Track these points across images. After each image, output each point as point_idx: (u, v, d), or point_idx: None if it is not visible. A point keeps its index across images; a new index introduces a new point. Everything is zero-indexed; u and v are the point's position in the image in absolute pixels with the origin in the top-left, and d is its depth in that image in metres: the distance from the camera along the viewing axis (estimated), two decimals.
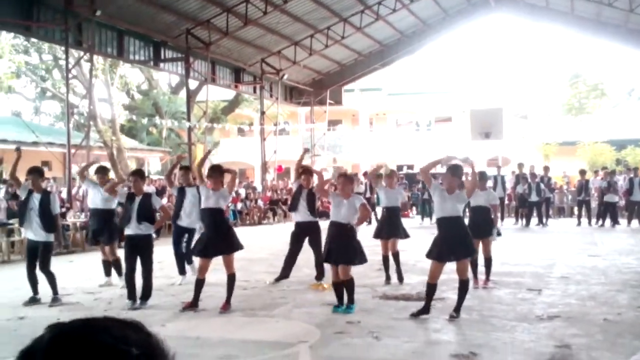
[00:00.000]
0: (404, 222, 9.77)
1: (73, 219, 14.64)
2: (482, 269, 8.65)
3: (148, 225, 7.78)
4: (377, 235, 9.24)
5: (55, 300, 8.02)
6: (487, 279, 8.65)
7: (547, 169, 21.31)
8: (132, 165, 28.12)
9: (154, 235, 8.14)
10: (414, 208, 23.99)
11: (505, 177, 21.31)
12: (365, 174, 22.46)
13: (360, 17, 23.60)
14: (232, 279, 7.44)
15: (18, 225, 9.52)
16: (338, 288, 7.24)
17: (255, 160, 29.60)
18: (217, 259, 7.62)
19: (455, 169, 7.04)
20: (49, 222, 8.10)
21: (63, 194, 16.15)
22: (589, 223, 19.43)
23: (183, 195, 9.64)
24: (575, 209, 21.58)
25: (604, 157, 30.71)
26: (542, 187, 19.59)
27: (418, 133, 39.70)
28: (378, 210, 20.78)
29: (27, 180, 8.32)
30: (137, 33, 19.05)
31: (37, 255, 8.05)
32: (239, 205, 21.34)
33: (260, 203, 22.89)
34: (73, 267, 11.69)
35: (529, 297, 7.94)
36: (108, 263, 9.46)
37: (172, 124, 25.77)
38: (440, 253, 6.71)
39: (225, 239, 7.41)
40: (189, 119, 21.73)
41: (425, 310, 6.77)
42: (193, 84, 24.59)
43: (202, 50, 20.68)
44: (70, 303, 8.04)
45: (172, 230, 10.47)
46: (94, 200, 9.32)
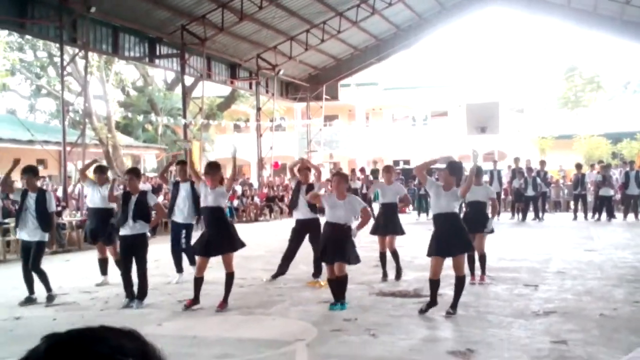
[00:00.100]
0: (401, 218, 9.74)
1: (69, 218, 14.60)
2: (477, 264, 8.65)
3: (143, 224, 7.77)
4: (374, 232, 9.23)
5: (50, 298, 8.01)
6: (482, 275, 8.66)
7: (543, 163, 21.32)
8: (127, 163, 28.07)
9: (149, 235, 8.10)
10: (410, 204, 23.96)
11: (502, 171, 21.32)
12: (362, 170, 22.46)
13: (356, 11, 23.57)
14: (230, 278, 7.42)
15: (14, 227, 9.48)
16: (334, 285, 7.25)
17: (252, 157, 29.56)
18: (214, 257, 7.61)
19: (454, 167, 7.05)
20: (46, 220, 8.08)
21: (59, 192, 16.11)
22: (585, 217, 19.47)
23: (177, 191, 9.61)
24: (572, 203, 21.62)
25: (600, 150, 30.75)
26: (538, 181, 19.60)
27: (414, 128, 39.71)
28: (375, 207, 20.94)
29: (22, 180, 8.29)
30: (132, 29, 18.98)
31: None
32: (236, 202, 21.32)
33: (257, 200, 22.87)
34: (69, 266, 11.68)
35: (526, 292, 7.95)
36: (104, 262, 9.45)
37: (167, 121, 25.69)
38: (440, 249, 6.72)
39: (227, 238, 7.38)
40: (185, 116, 21.69)
41: (433, 303, 6.79)
42: (188, 80, 24.52)
43: (197, 46, 20.63)
44: (67, 303, 8.02)
45: (169, 228, 10.44)
46: (93, 200, 9.29)
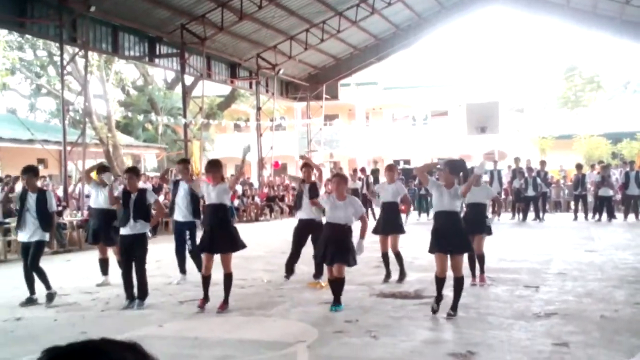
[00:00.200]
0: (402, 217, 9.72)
1: (70, 218, 14.59)
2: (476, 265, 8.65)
3: (144, 224, 7.75)
4: (375, 231, 9.22)
5: (50, 296, 7.99)
6: (481, 275, 8.65)
7: (543, 164, 21.32)
8: (128, 162, 28.05)
9: (149, 235, 8.09)
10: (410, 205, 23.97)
11: (502, 171, 21.32)
12: (363, 170, 22.46)
13: (356, 10, 23.57)
14: (229, 279, 7.42)
15: (15, 228, 9.47)
16: (334, 286, 7.26)
17: (252, 156, 29.54)
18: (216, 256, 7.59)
19: (454, 166, 7.07)
20: (46, 220, 8.08)
21: (59, 192, 16.10)
22: (586, 218, 19.46)
23: (177, 189, 9.62)
24: (572, 204, 21.62)
25: (600, 150, 30.75)
26: (538, 181, 19.60)
27: (414, 127, 39.72)
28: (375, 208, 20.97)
29: (22, 180, 8.29)
30: (131, 29, 18.98)
31: None
32: (236, 202, 21.32)
33: (257, 200, 22.86)
34: (70, 266, 11.69)
35: (526, 294, 7.95)
36: (105, 262, 9.46)
37: (168, 120, 25.68)
38: (440, 244, 6.74)
39: (229, 237, 7.38)
40: (185, 115, 21.68)
41: (439, 298, 6.82)
42: (188, 80, 24.53)
43: (197, 46, 20.62)
44: (68, 303, 8.02)
45: (170, 228, 10.44)
46: (97, 200, 9.29)
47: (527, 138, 33.93)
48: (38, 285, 8.07)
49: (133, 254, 7.68)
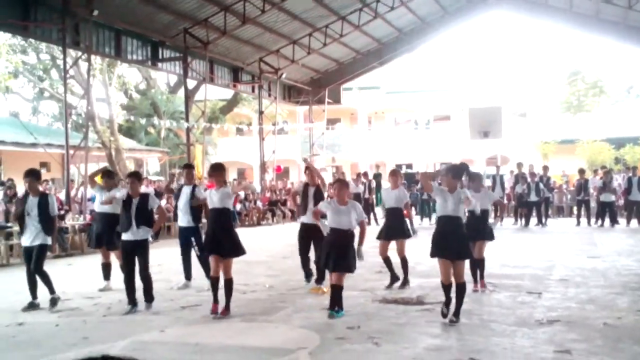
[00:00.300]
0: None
1: (72, 222, 14.59)
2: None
3: (146, 230, 7.74)
4: (378, 236, 9.20)
5: (53, 301, 7.99)
6: (481, 280, 8.61)
7: (546, 169, 21.28)
8: (130, 166, 28.09)
9: (151, 240, 8.08)
10: (413, 208, 23.95)
11: (504, 176, 21.28)
12: (365, 174, 22.45)
13: (359, 15, 23.59)
14: (229, 284, 7.40)
15: (18, 232, 9.47)
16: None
17: (254, 160, 29.57)
18: None
19: (456, 171, 7.08)
20: (48, 224, 8.08)
21: (62, 196, 16.10)
22: (589, 223, 19.41)
23: (179, 194, 9.63)
24: (575, 209, 21.56)
25: (603, 155, 30.71)
26: (541, 186, 19.56)
27: (417, 132, 39.71)
28: (377, 211, 20.96)
29: (24, 183, 8.29)
30: (134, 33, 19.02)
31: None
32: (238, 207, 21.30)
33: (259, 204, 22.85)
34: (72, 270, 11.68)
35: (529, 300, 7.93)
36: (108, 267, 9.46)
37: (170, 124, 25.71)
38: (442, 249, 6.73)
39: (231, 241, 7.37)
40: (188, 119, 21.70)
41: (449, 301, 6.81)
42: (191, 84, 24.56)
43: (200, 50, 20.65)
44: (70, 308, 8.00)
45: (172, 233, 10.43)
46: (101, 205, 9.29)
47: (529, 143, 33.89)
48: (41, 290, 8.07)
49: (135, 259, 7.67)
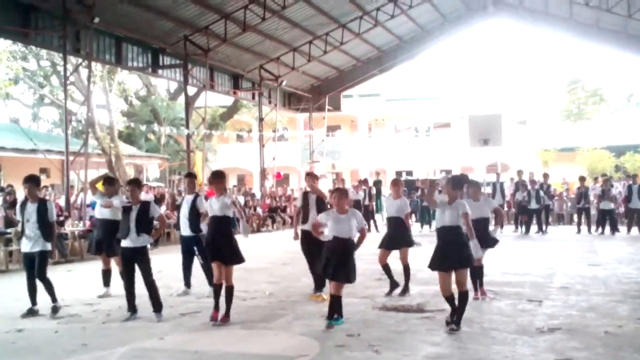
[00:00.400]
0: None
1: (72, 228, 14.57)
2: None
3: (146, 237, 7.70)
4: (380, 245, 9.18)
5: (55, 309, 7.96)
6: (480, 287, 8.59)
7: (546, 176, 21.28)
8: (130, 173, 28.09)
9: (150, 246, 8.05)
10: (414, 215, 23.94)
11: (504, 184, 21.28)
12: (365, 181, 22.45)
13: (359, 23, 23.66)
14: (230, 291, 7.39)
15: (18, 238, 9.44)
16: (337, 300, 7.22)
17: (254, 167, 29.59)
18: None
19: (456, 182, 7.06)
20: (47, 230, 8.06)
21: (61, 202, 16.09)
22: (589, 231, 19.39)
23: (181, 204, 9.62)
24: (575, 217, 21.55)
25: (603, 163, 30.73)
26: (541, 194, 19.56)
27: (417, 139, 39.77)
28: (378, 218, 20.95)
29: (24, 189, 8.28)
30: (135, 40, 19.07)
31: (34, 265, 8.02)
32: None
33: (259, 210, 22.84)
34: (72, 276, 11.65)
35: (529, 308, 7.91)
36: (108, 273, 9.44)
37: (170, 131, 25.74)
38: (442, 262, 6.71)
39: (231, 249, 7.36)
40: (188, 126, 21.72)
41: (454, 312, 6.79)
42: (191, 91, 24.60)
43: (200, 57, 20.69)
44: (69, 315, 7.97)
45: (172, 239, 10.41)
46: (102, 211, 9.25)
47: (529, 150, 33.92)
48: (40, 296, 8.04)
49: (134, 266, 7.64)
